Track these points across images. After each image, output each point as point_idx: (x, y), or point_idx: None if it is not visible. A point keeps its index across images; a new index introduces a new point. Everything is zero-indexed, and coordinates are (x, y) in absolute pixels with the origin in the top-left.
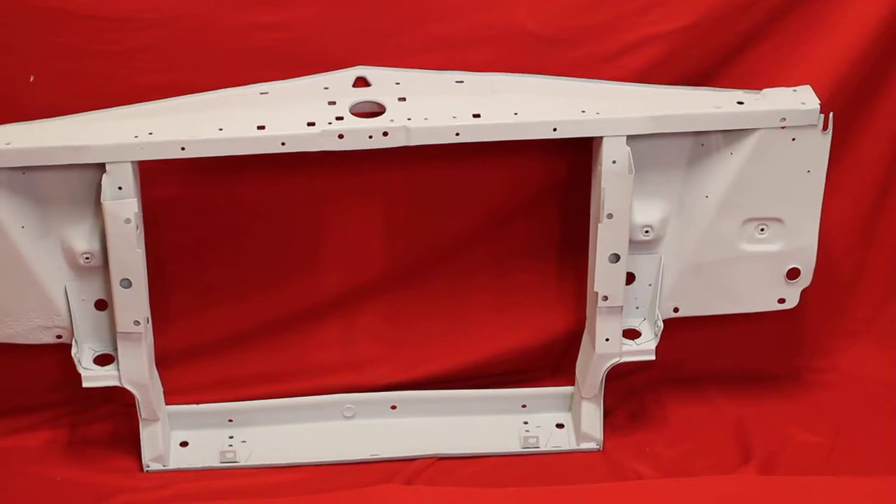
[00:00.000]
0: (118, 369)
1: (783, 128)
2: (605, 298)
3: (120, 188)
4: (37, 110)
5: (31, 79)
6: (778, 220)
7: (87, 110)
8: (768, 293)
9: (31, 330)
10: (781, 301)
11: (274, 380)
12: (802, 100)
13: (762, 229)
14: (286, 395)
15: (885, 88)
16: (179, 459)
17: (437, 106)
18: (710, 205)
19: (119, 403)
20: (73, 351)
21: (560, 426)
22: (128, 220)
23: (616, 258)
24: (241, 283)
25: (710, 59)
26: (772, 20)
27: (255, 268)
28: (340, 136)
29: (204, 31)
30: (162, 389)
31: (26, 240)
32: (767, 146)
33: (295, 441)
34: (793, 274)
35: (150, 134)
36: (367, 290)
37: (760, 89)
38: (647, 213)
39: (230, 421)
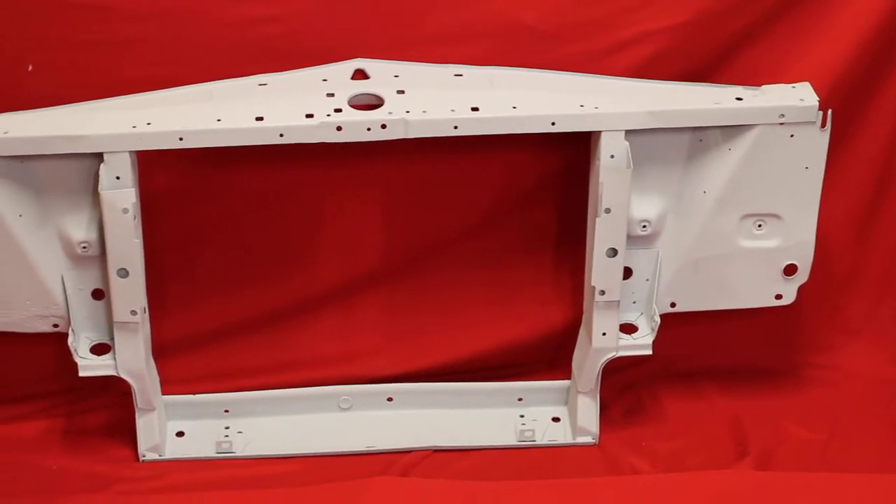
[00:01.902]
0: (115, 359)
1: (782, 124)
2: (602, 293)
3: (118, 178)
4: (34, 100)
5: (30, 68)
6: (775, 216)
7: (85, 100)
8: (765, 289)
9: (28, 319)
10: (778, 297)
11: (271, 371)
12: (801, 96)
13: (760, 225)
14: (283, 386)
15: (883, 86)
16: (175, 449)
17: (436, 99)
18: (708, 200)
19: (115, 393)
20: (70, 340)
21: (556, 420)
22: (125, 210)
23: (613, 253)
24: (238, 273)
25: (709, 55)
26: (771, 16)
27: (253, 259)
28: (339, 129)
29: (202, 23)
30: (158, 379)
31: (24, 229)
32: (766, 142)
33: (291, 432)
34: (790, 270)
35: (149, 124)
36: (365, 283)
37: (759, 85)
38: (645, 207)
39: (226, 411)
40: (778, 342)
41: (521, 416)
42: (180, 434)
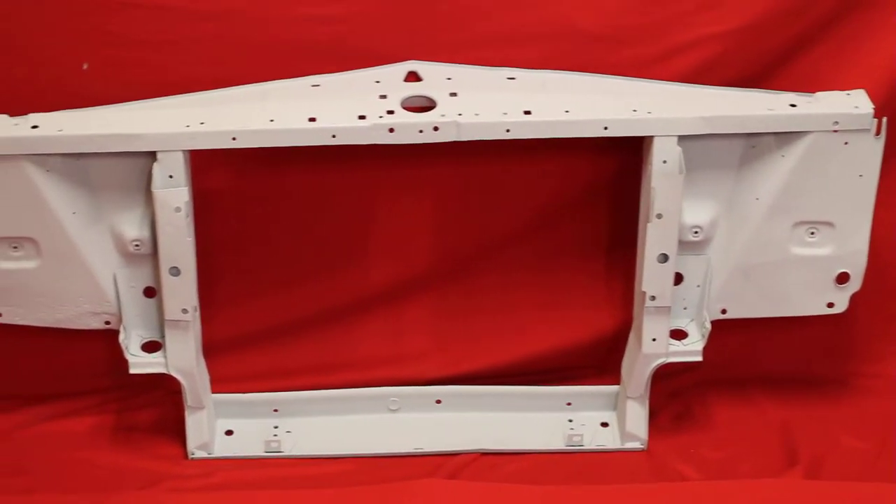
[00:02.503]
0: (165, 356)
1: (836, 131)
2: (653, 298)
3: (171, 177)
4: (89, 98)
5: (85, 66)
6: (828, 223)
7: (139, 99)
8: (817, 297)
9: (80, 315)
10: (830, 305)
11: (320, 371)
12: (856, 104)
13: (812, 233)
14: (332, 387)
15: None
16: (224, 448)
17: (488, 102)
18: (761, 207)
19: (165, 391)
20: (121, 337)
21: (605, 425)
22: (178, 209)
23: (664, 258)
24: (289, 273)
25: (764, 61)
26: (826, 23)
27: (304, 259)
28: (391, 130)
29: (257, 23)
30: (208, 377)
31: (77, 226)
32: (819, 149)
33: (339, 433)
34: (842, 278)
35: (202, 123)
36: (415, 285)
37: (814, 92)
38: (697, 213)
39: (275, 411)
40: (829, 350)
41: (570, 421)
42: (229, 433)
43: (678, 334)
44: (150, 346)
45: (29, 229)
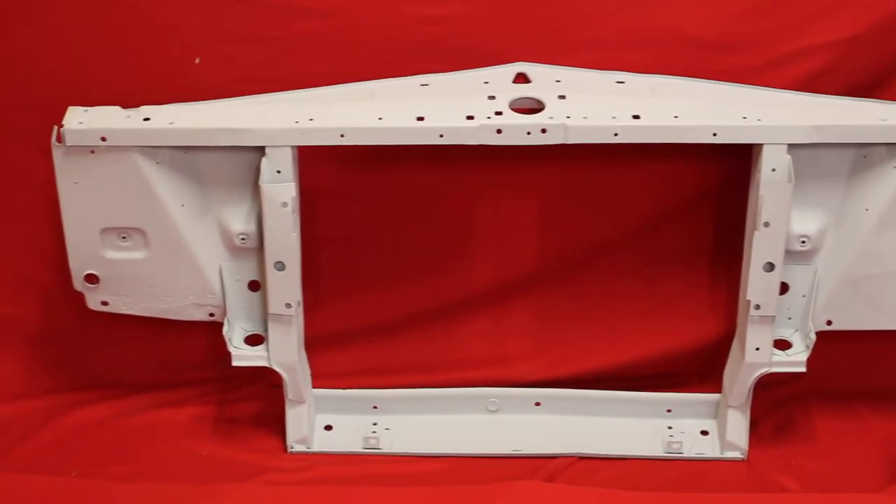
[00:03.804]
0: (268, 350)
1: None
2: (758, 307)
3: (279, 172)
4: (200, 92)
5: (197, 61)
6: None
7: (249, 94)
8: None
9: (185, 307)
10: None
11: (420, 369)
12: None
13: None
14: (431, 386)
15: None
16: (323, 443)
17: (597, 105)
18: (871, 218)
19: (266, 384)
20: (225, 330)
21: (704, 433)
22: (285, 204)
23: (770, 267)
24: (392, 272)
25: (876, 70)
26: None
27: (407, 258)
28: (499, 131)
29: (368, 22)
30: (310, 372)
31: (185, 218)
32: None
33: (438, 431)
34: None
35: (311, 120)
36: (518, 287)
37: None
38: (805, 223)
39: (375, 408)
40: None
41: (670, 428)
42: (328, 428)
43: (782, 344)
44: (253, 340)
45: (138, 220)
